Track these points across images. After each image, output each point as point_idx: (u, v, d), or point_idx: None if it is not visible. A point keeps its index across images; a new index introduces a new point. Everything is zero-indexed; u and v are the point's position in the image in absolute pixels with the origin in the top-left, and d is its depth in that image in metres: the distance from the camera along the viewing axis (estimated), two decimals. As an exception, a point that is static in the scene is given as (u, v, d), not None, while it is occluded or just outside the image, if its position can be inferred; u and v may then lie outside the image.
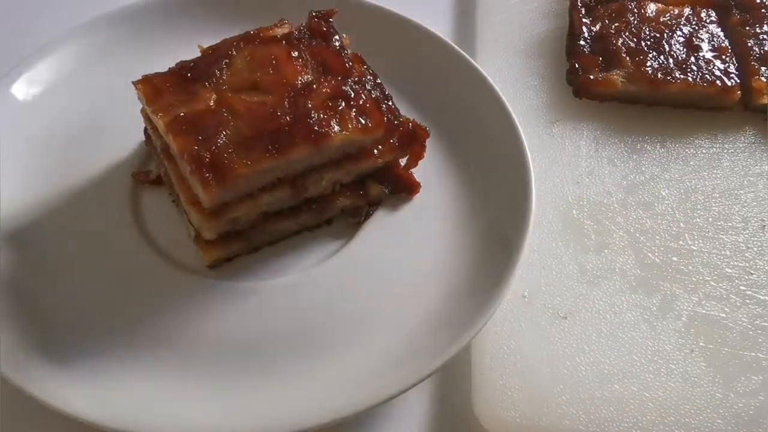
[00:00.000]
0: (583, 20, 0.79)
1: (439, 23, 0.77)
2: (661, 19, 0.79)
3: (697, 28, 0.78)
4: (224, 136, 0.54)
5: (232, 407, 0.51)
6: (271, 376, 0.53)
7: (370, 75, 0.62)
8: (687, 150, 0.71)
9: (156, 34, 0.71)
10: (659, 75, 0.73)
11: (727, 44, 0.76)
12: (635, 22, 0.78)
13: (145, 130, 0.63)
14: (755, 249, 0.64)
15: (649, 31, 0.77)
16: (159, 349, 0.54)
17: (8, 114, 0.64)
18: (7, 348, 0.51)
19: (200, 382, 0.52)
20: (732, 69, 0.74)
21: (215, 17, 0.72)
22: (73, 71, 0.68)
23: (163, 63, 0.59)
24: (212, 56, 0.59)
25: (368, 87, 0.60)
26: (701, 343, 0.58)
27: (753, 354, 0.57)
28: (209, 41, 0.61)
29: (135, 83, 0.57)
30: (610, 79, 0.74)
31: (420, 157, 0.64)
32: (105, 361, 0.52)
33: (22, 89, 0.65)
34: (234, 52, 0.59)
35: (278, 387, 0.52)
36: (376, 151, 0.60)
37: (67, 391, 0.50)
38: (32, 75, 0.66)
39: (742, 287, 0.61)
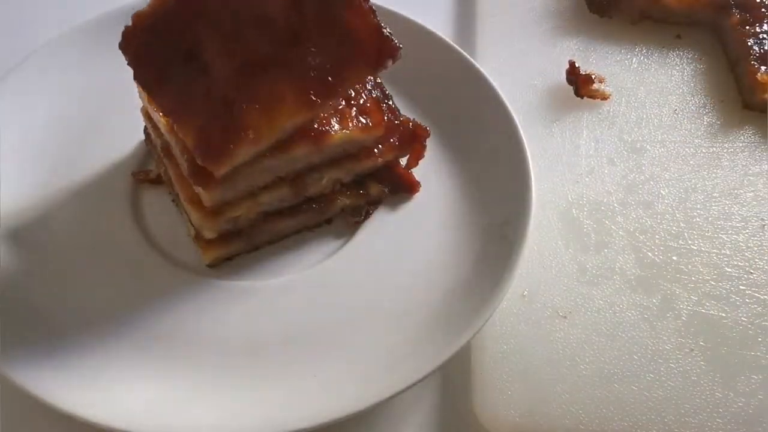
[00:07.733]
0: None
1: (439, 23, 0.77)
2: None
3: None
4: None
5: (233, 406, 0.51)
6: (270, 375, 0.53)
7: (370, 75, 0.62)
8: (687, 149, 0.71)
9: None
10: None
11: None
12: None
13: (145, 129, 0.63)
14: (755, 248, 0.63)
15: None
16: (158, 348, 0.54)
17: (8, 114, 0.64)
18: (6, 347, 0.51)
19: (200, 381, 0.52)
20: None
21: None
22: (73, 71, 0.68)
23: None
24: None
25: (368, 87, 0.60)
26: (701, 343, 0.58)
27: (753, 353, 0.57)
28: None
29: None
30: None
31: (420, 156, 0.64)
32: (105, 360, 0.52)
33: (22, 89, 0.65)
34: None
35: (278, 386, 0.52)
36: (376, 150, 0.60)
37: (67, 389, 0.50)
38: (32, 75, 0.66)
39: (741, 286, 0.61)
